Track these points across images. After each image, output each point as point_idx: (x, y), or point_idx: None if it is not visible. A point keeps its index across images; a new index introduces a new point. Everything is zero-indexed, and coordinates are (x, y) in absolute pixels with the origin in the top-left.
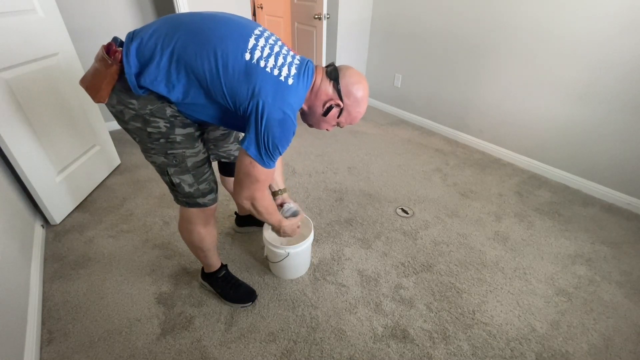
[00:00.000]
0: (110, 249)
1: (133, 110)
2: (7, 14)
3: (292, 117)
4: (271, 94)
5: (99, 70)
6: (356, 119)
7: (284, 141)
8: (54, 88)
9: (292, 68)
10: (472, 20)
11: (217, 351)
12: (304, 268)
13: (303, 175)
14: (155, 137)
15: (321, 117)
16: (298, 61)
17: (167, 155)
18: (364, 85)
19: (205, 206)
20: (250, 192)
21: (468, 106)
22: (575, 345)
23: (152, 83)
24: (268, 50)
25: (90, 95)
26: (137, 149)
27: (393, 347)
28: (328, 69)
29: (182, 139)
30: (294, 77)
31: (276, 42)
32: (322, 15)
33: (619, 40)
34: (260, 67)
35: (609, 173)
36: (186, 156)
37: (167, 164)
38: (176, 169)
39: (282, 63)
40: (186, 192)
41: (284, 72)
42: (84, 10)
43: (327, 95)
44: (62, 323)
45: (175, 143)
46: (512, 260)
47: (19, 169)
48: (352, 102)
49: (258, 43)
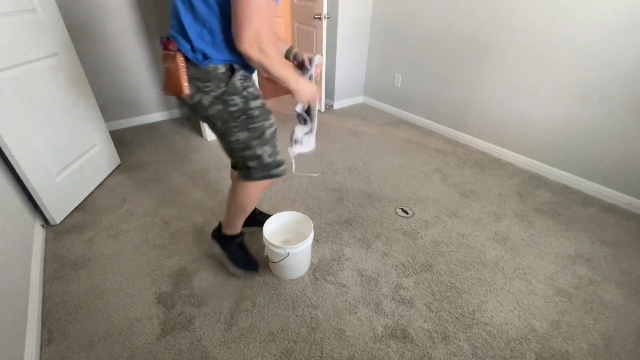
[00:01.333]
0: (110, 249)
1: (211, 93)
2: (7, 14)
3: None
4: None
5: (169, 68)
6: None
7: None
8: (54, 88)
9: None
10: (472, 20)
11: (217, 351)
12: (304, 268)
13: (303, 175)
14: (236, 114)
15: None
16: None
17: (250, 130)
18: None
19: (277, 176)
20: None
21: (468, 106)
22: (575, 345)
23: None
24: None
25: (178, 95)
26: (137, 149)
27: (393, 347)
28: None
29: (259, 112)
30: None
31: None
32: (322, 15)
33: (619, 40)
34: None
35: (609, 173)
36: (265, 127)
37: (250, 138)
38: (258, 140)
39: None
40: (265, 163)
41: None
42: (84, 10)
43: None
44: (62, 323)
45: (254, 117)
46: (512, 260)
47: (19, 169)
48: None
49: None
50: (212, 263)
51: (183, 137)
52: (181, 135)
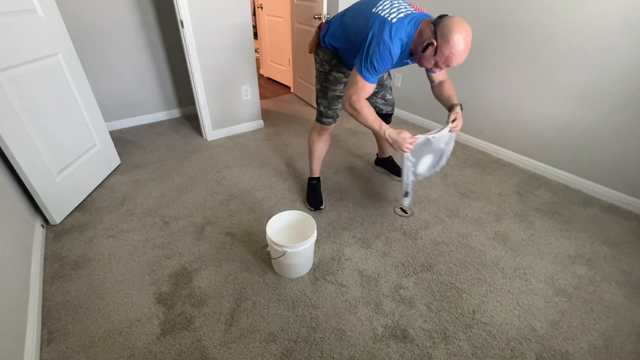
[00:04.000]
0: (110, 249)
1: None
2: (7, 14)
3: (389, 42)
4: (378, 25)
5: (315, 35)
6: (450, 59)
7: (380, 59)
8: (54, 88)
9: (401, 14)
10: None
11: (217, 351)
12: (306, 268)
13: (304, 175)
14: (322, 74)
15: (421, 54)
16: (409, 12)
17: (322, 85)
18: (460, 30)
19: (323, 124)
20: (349, 92)
21: (468, 106)
22: (575, 345)
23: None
24: (388, 6)
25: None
26: (137, 149)
27: (393, 347)
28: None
29: (333, 79)
30: (398, 18)
31: (400, 4)
32: (322, 15)
33: (619, 40)
34: (377, 14)
35: (609, 173)
36: (329, 89)
37: (320, 90)
38: (321, 94)
39: (394, 11)
40: (320, 110)
41: (392, 15)
42: (84, 10)
43: (427, 36)
44: (62, 323)
45: (328, 81)
46: (512, 260)
47: (19, 169)
48: (444, 42)
49: (384, 2)
50: (212, 263)
51: (183, 137)
52: (181, 135)
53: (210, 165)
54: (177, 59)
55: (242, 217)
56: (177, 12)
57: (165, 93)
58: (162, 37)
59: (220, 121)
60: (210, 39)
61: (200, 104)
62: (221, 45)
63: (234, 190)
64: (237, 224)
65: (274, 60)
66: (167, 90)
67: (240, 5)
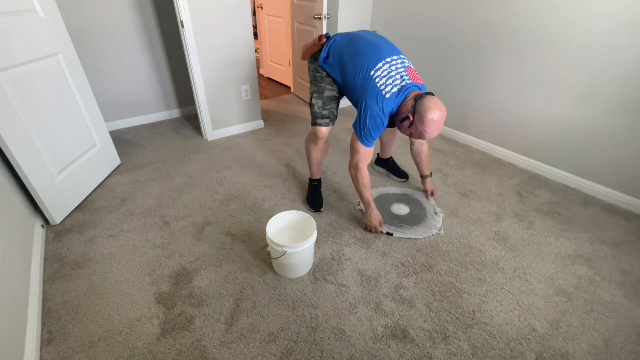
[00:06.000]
0: (110, 249)
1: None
2: (7, 13)
3: (382, 116)
4: (372, 98)
5: (312, 45)
6: (422, 134)
7: (374, 129)
8: (54, 88)
9: (395, 88)
10: (472, 20)
11: (217, 351)
12: (306, 268)
13: (303, 175)
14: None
15: (399, 123)
16: (402, 84)
17: (319, 86)
18: (435, 111)
19: (319, 126)
20: (354, 161)
21: (468, 106)
22: (575, 345)
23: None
24: (386, 73)
25: (303, 57)
26: (137, 149)
27: (393, 347)
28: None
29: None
30: (392, 94)
31: (397, 69)
32: (322, 15)
33: (619, 39)
34: (374, 81)
35: (609, 173)
36: (326, 89)
37: (315, 90)
38: (317, 94)
39: (390, 84)
40: (315, 111)
41: (387, 88)
42: (84, 10)
43: (407, 110)
44: (62, 323)
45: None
46: (512, 260)
47: (19, 169)
48: (419, 119)
49: (383, 67)
50: (212, 263)
51: (183, 137)
52: (181, 135)
53: (210, 165)
54: (177, 59)
55: (242, 217)
56: (177, 12)
57: (165, 93)
58: (162, 37)
59: (220, 121)
60: (210, 39)
61: (200, 104)
62: (221, 45)
63: (234, 190)
64: (237, 224)
65: (274, 60)
66: (167, 90)
67: (240, 5)
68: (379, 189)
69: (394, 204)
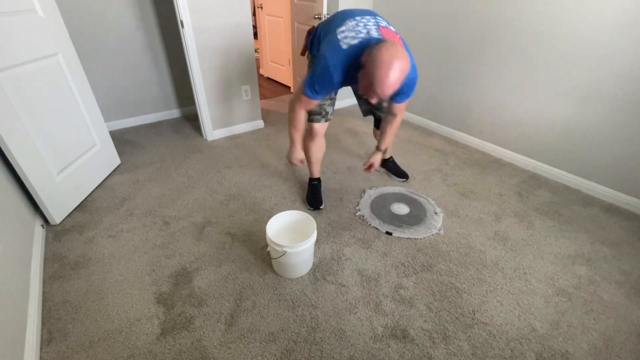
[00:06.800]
0: (110, 249)
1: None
2: (7, 13)
3: (331, 67)
4: (328, 48)
5: (304, 40)
6: (371, 86)
7: (321, 81)
8: (54, 88)
9: (355, 40)
10: (472, 20)
11: (217, 351)
12: (306, 268)
13: (303, 175)
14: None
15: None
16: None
17: None
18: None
19: (312, 122)
20: (294, 102)
21: (468, 106)
22: (575, 345)
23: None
24: (352, 28)
25: (301, 53)
26: (137, 149)
27: (393, 347)
28: None
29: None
30: (351, 45)
31: (366, 25)
32: (322, 15)
33: (619, 40)
34: (336, 35)
35: (609, 173)
36: None
37: None
38: None
39: (352, 36)
40: None
41: (346, 40)
42: (84, 10)
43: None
44: (62, 323)
45: None
46: (512, 260)
47: (19, 169)
48: (369, 65)
49: (349, 24)
50: (212, 263)
51: (183, 137)
52: (181, 135)
53: (210, 165)
54: (177, 59)
55: (242, 217)
56: (177, 12)
57: (165, 93)
58: (162, 37)
59: (220, 121)
60: (210, 39)
61: (200, 104)
62: (221, 46)
63: (234, 190)
64: (237, 224)
65: (274, 60)
66: (167, 90)
67: (240, 5)
68: (379, 189)
69: (394, 203)
